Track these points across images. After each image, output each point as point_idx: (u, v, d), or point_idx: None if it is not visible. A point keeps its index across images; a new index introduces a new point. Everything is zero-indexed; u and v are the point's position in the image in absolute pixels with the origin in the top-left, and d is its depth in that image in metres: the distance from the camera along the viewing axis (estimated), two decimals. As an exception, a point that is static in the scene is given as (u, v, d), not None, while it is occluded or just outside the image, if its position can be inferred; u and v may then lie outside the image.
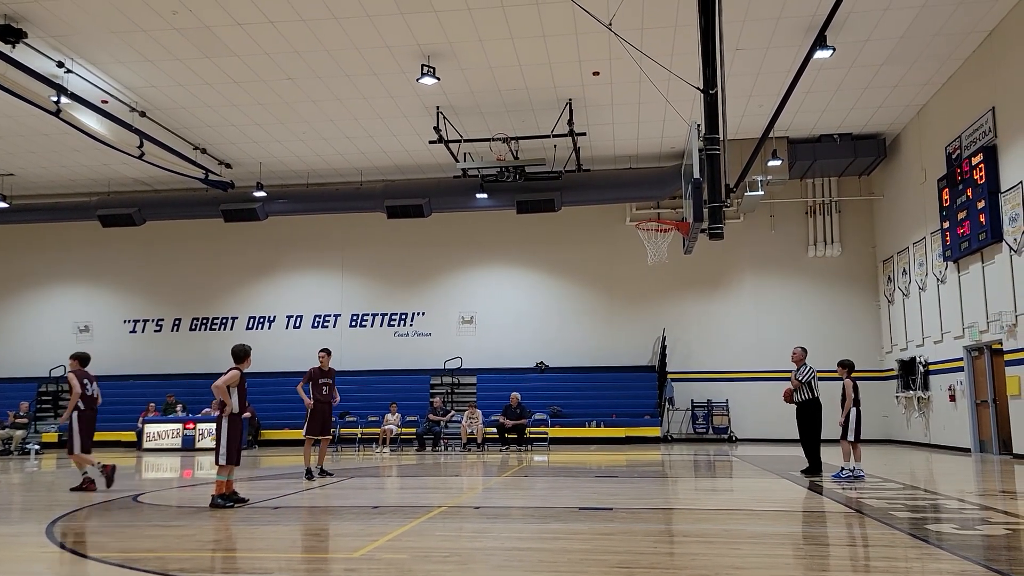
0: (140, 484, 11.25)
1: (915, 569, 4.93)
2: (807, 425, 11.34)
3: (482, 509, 8.11)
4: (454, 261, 23.51)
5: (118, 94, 16.52)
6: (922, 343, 18.21)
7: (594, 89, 16.53)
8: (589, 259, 22.84)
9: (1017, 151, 13.63)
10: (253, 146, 19.87)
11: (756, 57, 15.07)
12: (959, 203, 15.54)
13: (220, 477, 8.03)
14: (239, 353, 8.39)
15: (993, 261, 14.61)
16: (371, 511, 7.69)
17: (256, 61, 15.12)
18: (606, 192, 20.91)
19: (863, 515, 7.01)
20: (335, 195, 21.99)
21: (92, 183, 22.73)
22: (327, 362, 11.85)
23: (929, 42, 14.54)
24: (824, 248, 21.74)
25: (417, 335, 23.45)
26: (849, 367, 10.74)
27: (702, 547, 5.65)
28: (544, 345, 22.65)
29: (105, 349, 24.42)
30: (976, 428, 15.83)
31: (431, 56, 14.82)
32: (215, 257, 24.52)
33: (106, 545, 5.82)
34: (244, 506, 7.91)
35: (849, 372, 10.69)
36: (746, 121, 17.78)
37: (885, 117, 18.33)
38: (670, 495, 9.43)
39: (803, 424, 11.40)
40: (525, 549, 5.80)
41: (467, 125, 18.12)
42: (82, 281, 25.00)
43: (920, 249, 18.15)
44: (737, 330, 21.76)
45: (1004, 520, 6.77)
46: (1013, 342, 13.86)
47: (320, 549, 5.93)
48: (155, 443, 19.67)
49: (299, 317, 24.03)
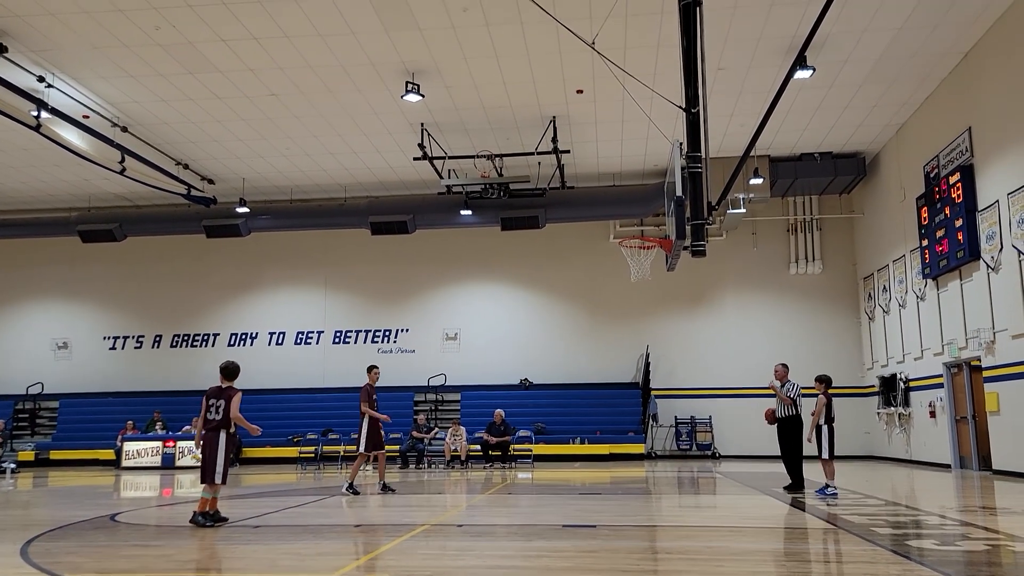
0: (118, 503, 11.08)
1: (897, 585, 4.94)
2: (789, 441, 11.38)
3: (465, 527, 8.05)
4: (438, 278, 23.49)
5: (100, 109, 16.44)
6: (902, 360, 18.37)
7: (578, 107, 16.65)
8: (573, 276, 22.91)
9: (993, 170, 13.85)
10: (236, 162, 19.81)
11: (738, 76, 15.26)
12: (937, 221, 15.74)
13: (206, 495, 7.92)
14: (236, 370, 8.32)
15: (971, 279, 14.79)
16: (353, 529, 7.62)
17: (239, 77, 15.11)
18: (590, 209, 21.02)
19: (845, 531, 7.04)
20: (319, 211, 21.93)
21: (72, 198, 22.54)
22: (376, 378, 11.85)
23: (907, 63, 14.79)
24: (805, 265, 21.94)
25: (401, 352, 23.36)
26: (827, 382, 10.77)
27: (685, 564, 5.64)
28: (528, 362, 22.64)
29: (84, 366, 24.17)
30: (956, 444, 15.96)
31: (415, 73, 14.87)
32: (197, 273, 24.36)
33: (82, 565, 5.72)
34: (224, 525, 7.81)
35: (827, 387, 10.73)
36: (728, 140, 17.96)
37: (865, 136, 18.59)
38: (654, 512, 9.42)
39: (785, 440, 11.45)
40: (508, 567, 5.76)
41: (451, 142, 18.18)
42: (61, 297, 24.72)
43: (900, 267, 18.35)
44: (720, 347, 21.86)
45: (984, 536, 6.82)
46: (991, 359, 14.02)
47: (300, 569, 5.86)
48: (134, 461, 19.41)
49: (282, 334, 23.88)
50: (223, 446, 7.96)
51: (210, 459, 7.93)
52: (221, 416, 8.01)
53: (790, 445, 11.37)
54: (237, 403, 8.04)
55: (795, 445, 11.32)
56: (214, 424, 8.02)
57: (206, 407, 8.10)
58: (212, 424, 8.02)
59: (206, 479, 7.92)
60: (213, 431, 8.01)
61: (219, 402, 8.06)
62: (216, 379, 8.28)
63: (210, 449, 7.96)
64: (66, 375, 24.01)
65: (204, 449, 8.04)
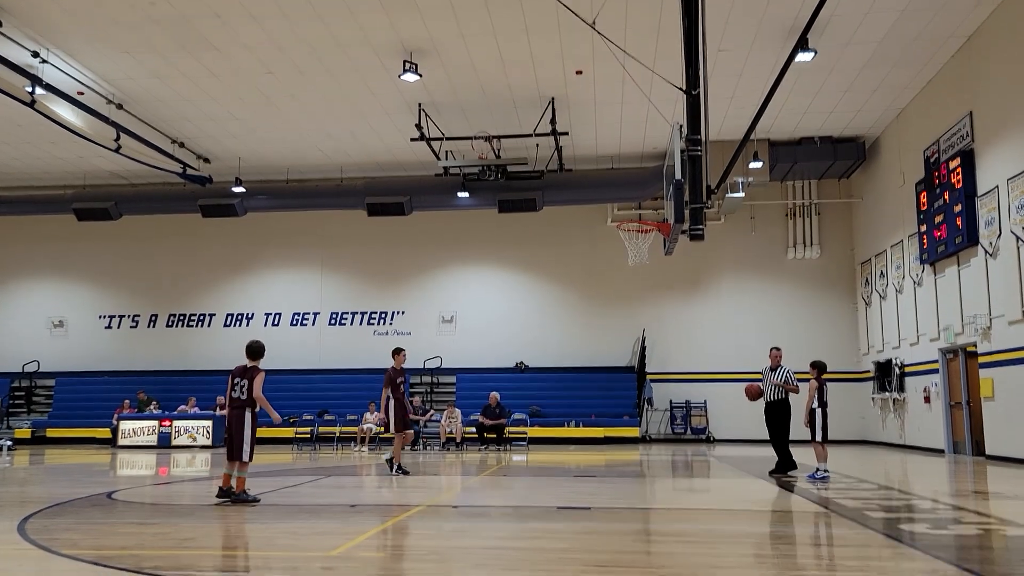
0: (115, 481, 11.10)
1: (889, 568, 4.97)
2: (779, 424, 11.43)
3: (461, 508, 8.08)
4: (435, 260, 23.44)
5: (94, 86, 16.29)
6: (898, 345, 18.41)
7: (577, 88, 16.54)
8: (570, 259, 22.87)
9: (993, 155, 13.81)
10: (232, 141, 19.68)
11: (738, 59, 15.15)
12: (936, 207, 15.72)
13: (242, 474, 8.04)
14: (260, 350, 8.48)
15: (969, 264, 14.80)
16: (349, 510, 7.64)
17: (235, 55, 14.97)
18: (588, 192, 20.94)
19: (838, 515, 7.07)
20: (315, 192, 21.83)
21: (67, 176, 22.41)
22: (402, 361, 11.79)
23: (909, 46, 14.69)
24: (803, 250, 21.93)
25: (397, 334, 23.35)
26: (820, 368, 10.78)
27: (680, 546, 5.66)
28: (524, 345, 22.65)
29: (80, 345, 24.14)
30: (950, 429, 16.03)
31: (413, 52, 14.74)
32: (192, 253, 24.28)
33: (79, 543, 5.73)
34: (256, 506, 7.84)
35: (820, 373, 10.73)
36: (728, 123, 17.87)
37: (865, 120, 18.51)
38: (648, 495, 9.46)
39: (775, 423, 11.49)
40: (503, 548, 5.78)
41: (449, 123, 18.06)
42: (56, 275, 24.64)
43: (897, 252, 18.35)
44: (716, 331, 21.88)
45: (976, 520, 6.85)
46: (987, 344, 14.05)
47: (297, 547, 5.88)
48: (130, 440, 19.42)
49: (278, 315, 23.85)
50: (248, 425, 8.07)
51: (236, 437, 8.03)
52: (246, 396, 8.13)
53: (779, 427, 11.42)
54: (260, 383, 8.16)
55: (783, 428, 11.39)
56: (239, 403, 8.13)
57: (231, 386, 8.21)
58: (237, 403, 8.15)
59: (235, 456, 8.01)
60: (238, 409, 8.12)
61: (243, 381, 8.18)
62: (214, 360, 8.33)
63: (236, 427, 8.06)
64: (62, 353, 23.98)
65: (229, 427, 8.14)
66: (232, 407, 8.18)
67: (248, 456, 8.05)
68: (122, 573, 4.66)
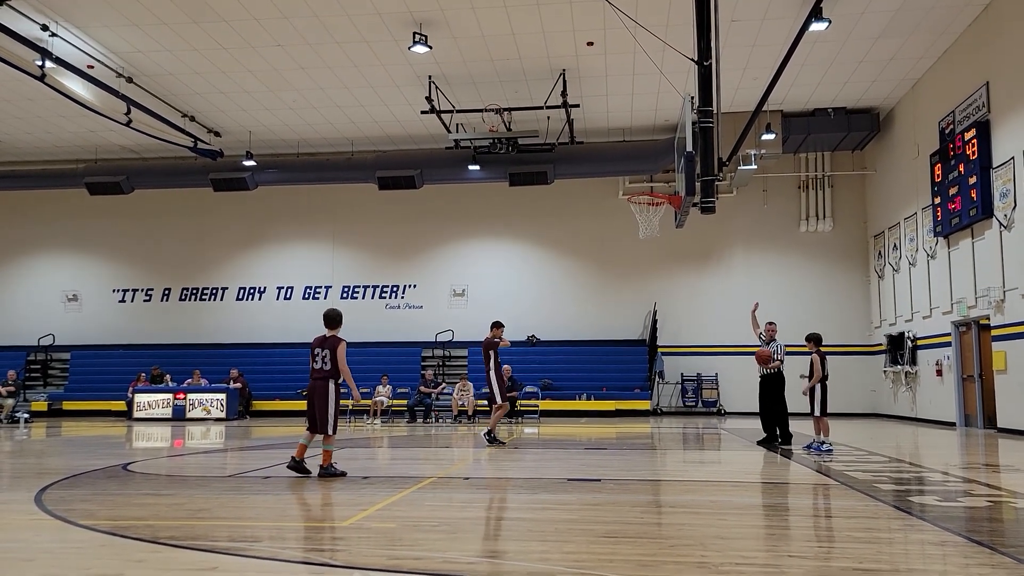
0: (130, 453, 11.26)
1: (897, 540, 4.99)
2: (773, 397, 11.48)
3: (472, 480, 8.15)
4: (446, 234, 23.43)
5: (104, 59, 16.27)
6: (911, 318, 18.32)
7: (588, 60, 16.37)
8: (581, 232, 22.80)
9: (1010, 126, 13.61)
10: (242, 114, 19.64)
11: (751, 28, 14.94)
12: (951, 179, 15.54)
13: (328, 447, 7.85)
14: (338, 318, 8.10)
15: (983, 237, 14.65)
16: (361, 481, 7.73)
17: (245, 27, 14.89)
18: (599, 165, 20.81)
19: (848, 487, 7.09)
20: (326, 165, 21.81)
21: (79, 150, 22.47)
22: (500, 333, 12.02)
23: (924, 15, 14.43)
24: (816, 223, 21.77)
25: (409, 307, 23.43)
26: (817, 340, 10.73)
27: (688, 517, 5.70)
28: (535, 318, 22.67)
29: (94, 319, 24.37)
30: (962, 403, 15.99)
31: (423, 24, 14.62)
32: (204, 227, 24.37)
33: (96, 513, 5.83)
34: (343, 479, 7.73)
35: (817, 345, 10.69)
36: (740, 94, 17.67)
37: (879, 91, 18.26)
38: (658, 467, 9.51)
39: (767, 396, 11.53)
40: (514, 519, 5.84)
41: (459, 95, 17.95)
42: (70, 250, 24.82)
43: (911, 224, 18.18)
44: (727, 305, 21.81)
45: (986, 492, 6.86)
46: (1000, 317, 13.96)
47: (310, 518, 5.96)
48: (145, 413, 19.67)
49: (290, 288, 23.96)
50: (332, 397, 7.81)
51: (320, 410, 7.79)
52: (329, 367, 7.83)
53: (774, 400, 11.48)
54: (343, 353, 7.85)
55: (779, 400, 11.44)
56: (322, 374, 7.84)
57: (312, 357, 7.93)
58: (320, 374, 7.85)
59: (319, 430, 7.80)
60: (322, 380, 7.83)
61: (324, 352, 7.86)
62: (228, 333, 8.25)
63: (319, 400, 7.80)
64: (76, 327, 24.23)
65: (312, 399, 7.87)
66: (314, 378, 7.88)
67: (333, 429, 7.82)
68: (138, 543, 4.75)
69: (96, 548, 4.69)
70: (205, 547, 4.62)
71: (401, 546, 4.66)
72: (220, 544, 4.74)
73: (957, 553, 4.49)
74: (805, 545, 4.73)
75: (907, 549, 4.76)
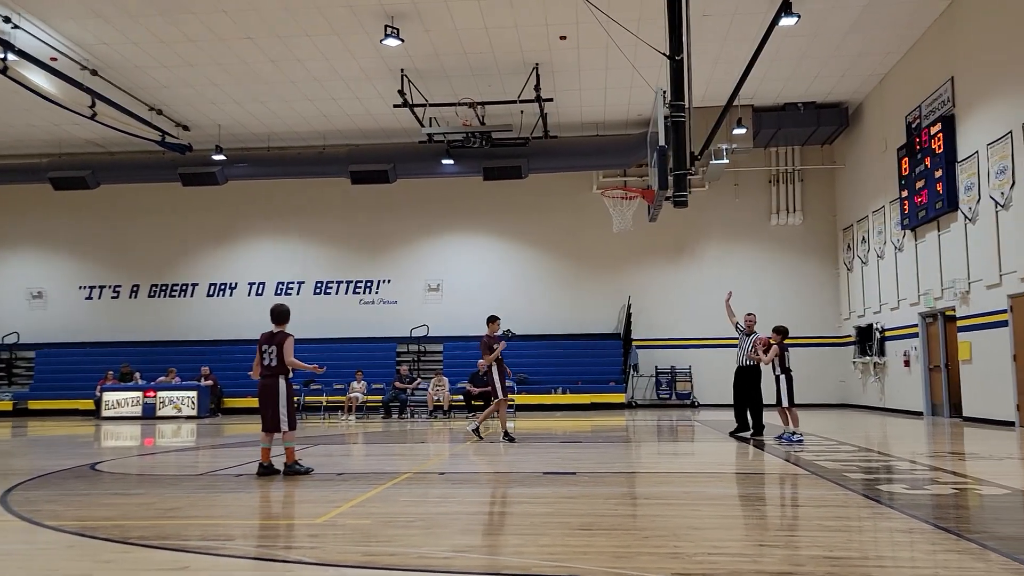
0: (99, 452, 11.08)
1: (867, 528, 5.07)
2: (749, 388, 11.62)
3: (447, 475, 8.14)
4: (420, 229, 23.33)
5: (68, 51, 15.95)
6: (879, 310, 18.60)
7: (561, 54, 16.37)
8: (556, 227, 22.84)
9: (974, 121, 13.85)
10: (211, 108, 19.38)
11: (723, 23, 15.04)
12: (917, 172, 15.78)
13: (289, 444, 7.77)
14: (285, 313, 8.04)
15: (949, 230, 14.91)
16: (335, 478, 7.68)
17: (213, 19, 14.68)
18: (573, 159, 20.85)
19: (818, 477, 7.18)
20: (297, 159, 21.60)
21: (43, 144, 22.02)
22: (497, 327, 11.89)
23: (892, 11, 14.63)
24: (786, 216, 22.01)
25: (383, 303, 23.31)
26: (783, 333, 10.98)
27: (662, 509, 5.74)
28: (511, 313, 22.55)
29: (60, 316, 23.94)
30: (929, 392, 16.29)
31: (395, 17, 14.52)
32: (174, 223, 24.02)
33: (63, 514, 5.73)
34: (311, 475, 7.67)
35: (783, 338, 10.92)
36: (712, 88, 17.79)
37: (848, 86, 18.49)
38: (633, 459, 9.57)
39: (742, 387, 11.67)
40: (489, 513, 5.84)
41: (432, 89, 17.86)
42: (35, 246, 24.34)
43: (879, 218, 18.45)
44: (701, 297, 21.98)
45: (952, 480, 6.99)
46: (966, 308, 14.23)
47: (283, 516, 5.91)
48: (114, 411, 19.37)
49: (261, 284, 23.71)
50: (284, 392, 7.75)
51: (271, 408, 7.71)
52: (277, 363, 7.76)
53: (749, 392, 11.63)
54: (291, 347, 7.80)
55: (755, 392, 11.58)
56: (271, 371, 7.76)
57: (260, 354, 7.84)
58: (269, 371, 7.76)
59: (276, 428, 7.71)
60: (271, 378, 7.76)
61: (271, 348, 7.78)
62: (198, 330, 8.07)
63: (269, 397, 7.72)
64: (42, 325, 23.78)
65: (263, 398, 7.78)
66: (263, 376, 7.79)
67: (289, 425, 7.75)
68: (107, 543, 4.67)
69: (63, 549, 4.61)
70: (176, 546, 4.56)
71: (376, 542, 4.63)
72: (192, 543, 4.68)
73: (924, 540, 4.57)
74: (777, 534, 4.78)
75: (876, 537, 4.84)
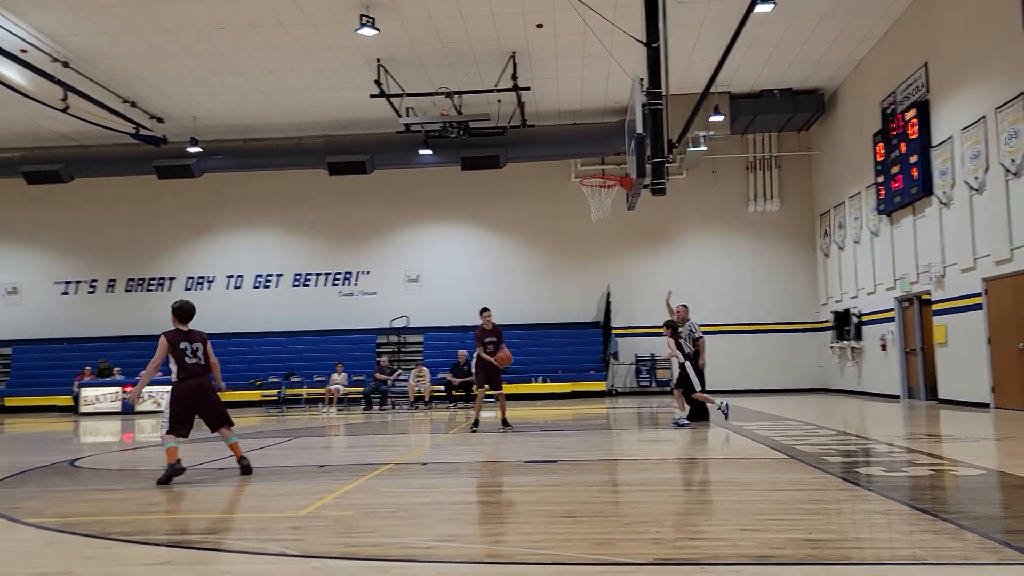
0: (78, 448, 10.98)
1: (845, 510, 5.14)
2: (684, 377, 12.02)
3: (429, 465, 8.15)
4: (399, 219, 23.24)
5: (38, 43, 15.67)
6: (856, 295, 18.81)
7: (538, 42, 16.33)
8: (534, 216, 22.84)
9: (948, 106, 14.00)
10: (186, 99, 19.14)
11: (699, 10, 15.07)
12: (893, 158, 15.94)
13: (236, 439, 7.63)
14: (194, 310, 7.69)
15: (924, 214, 15.09)
16: (317, 470, 7.66)
17: (187, 9, 14.48)
18: (551, 148, 20.83)
19: (797, 460, 7.27)
20: (274, 151, 21.41)
21: (16, 137, 21.65)
22: (489, 320, 11.88)
23: (867, -2, 14.72)
24: (764, 203, 22.16)
25: (362, 294, 23.23)
26: (671, 326, 11.91)
27: (643, 495, 5.79)
28: (490, 302, 22.36)
29: (36, 312, 23.64)
30: (905, 375, 16.52)
31: (370, 6, 14.40)
32: (150, 216, 23.76)
33: (43, 510, 5.67)
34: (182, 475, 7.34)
35: (672, 332, 11.82)
36: (689, 76, 17.83)
37: (824, 72, 18.61)
38: (614, 447, 9.63)
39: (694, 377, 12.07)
40: (472, 502, 5.86)
41: (409, 79, 17.76)
42: (9, 241, 24.00)
43: (856, 203, 18.63)
44: (680, 285, 21.94)
45: (929, 462, 7.10)
46: (941, 292, 14.42)
47: (265, 508, 5.89)
48: (93, 407, 19.18)
49: (240, 277, 23.54)
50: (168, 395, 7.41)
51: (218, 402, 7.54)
52: (204, 360, 7.48)
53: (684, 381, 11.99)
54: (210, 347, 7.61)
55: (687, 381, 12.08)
56: (202, 369, 7.44)
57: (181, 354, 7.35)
58: (200, 369, 7.42)
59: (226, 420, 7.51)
60: (204, 376, 7.46)
61: (196, 346, 7.46)
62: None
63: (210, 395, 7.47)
64: (17, 321, 23.47)
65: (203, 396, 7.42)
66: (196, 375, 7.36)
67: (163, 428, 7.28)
68: (88, 539, 4.64)
69: (44, 546, 4.58)
70: (158, 541, 4.54)
71: (358, 533, 4.64)
72: (174, 538, 4.66)
73: (902, 521, 4.64)
74: (756, 518, 4.84)
75: (855, 519, 4.91)
